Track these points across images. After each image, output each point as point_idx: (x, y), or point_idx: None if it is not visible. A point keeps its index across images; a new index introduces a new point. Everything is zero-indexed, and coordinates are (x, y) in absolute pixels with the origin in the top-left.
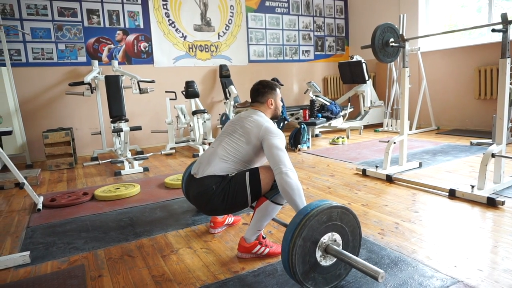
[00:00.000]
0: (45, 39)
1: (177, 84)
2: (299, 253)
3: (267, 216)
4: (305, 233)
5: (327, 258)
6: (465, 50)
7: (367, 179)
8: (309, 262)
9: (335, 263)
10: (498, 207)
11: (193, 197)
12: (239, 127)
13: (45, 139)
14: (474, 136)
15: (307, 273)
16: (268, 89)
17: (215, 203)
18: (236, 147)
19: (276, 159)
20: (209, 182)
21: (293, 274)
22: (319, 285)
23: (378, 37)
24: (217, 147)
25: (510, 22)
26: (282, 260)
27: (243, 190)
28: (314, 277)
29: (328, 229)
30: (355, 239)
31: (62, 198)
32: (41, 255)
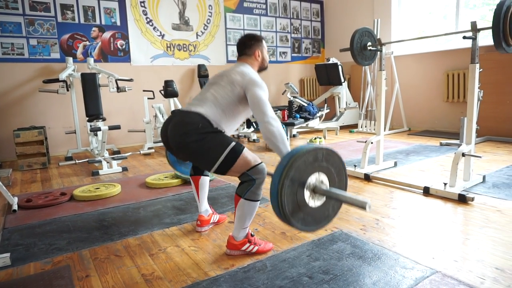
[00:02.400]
0: (15, 34)
1: (154, 83)
2: (288, 194)
3: (247, 214)
4: (293, 174)
5: (315, 198)
6: (435, 55)
7: None
8: (297, 202)
9: (323, 205)
10: (468, 203)
11: (173, 124)
12: (224, 77)
13: (16, 138)
14: (443, 137)
15: (296, 213)
16: (254, 41)
17: (191, 138)
18: (223, 94)
19: (259, 110)
20: (198, 118)
21: (282, 214)
22: (309, 225)
23: (357, 41)
24: (205, 94)
25: (479, 30)
26: (272, 201)
27: (218, 152)
28: (304, 218)
29: (315, 170)
30: (341, 180)
31: (38, 198)
32: (22, 257)
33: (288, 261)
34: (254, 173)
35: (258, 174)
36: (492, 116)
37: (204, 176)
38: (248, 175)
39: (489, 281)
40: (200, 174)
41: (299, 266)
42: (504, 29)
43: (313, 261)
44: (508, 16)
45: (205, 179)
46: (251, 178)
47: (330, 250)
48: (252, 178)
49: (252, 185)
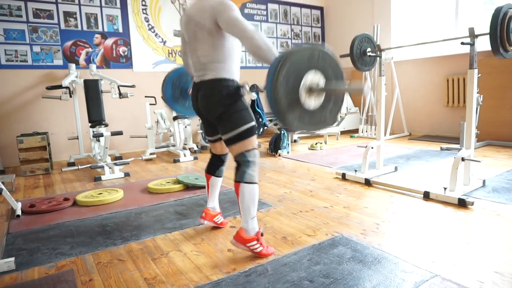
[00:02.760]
0: (19, 41)
1: (156, 89)
2: (283, 86)
3: (250, 200)
4: (288, 67)
5: (312, 98)
6: (435, 60)
7: (347, 182)
8: (293, 97)
9: (320, 107)
10: (468, 207)
11: (201, 99)
12: (196, 28)
13: (19, 144)
14: (443, 142)
15: (292, 109)
16: None
17: (221, 106)
18: (210, 47)
19: (237, 29)
20: (218, 85)
21: (277, 109)
22: (305, 125)
23: (356, 47)
24: (199, 57)
25: (477, 36)
26: (267, 96)
27: (241, 122)
28: (300, 116)
29: (311, 67)
30: (338, 81)
31: (42, 204)
32: (26, 261)
33: (289, 265)
34: (250, 155)
35: (253, 157)
36: (492, 120)
37: (215, 177)
38: (245, 156)
39: (488, 284)
40: (212, 174)
41: (300, 270)
42: (501, 35)
43: (313, 265)
44: (505, 22)
45: (215, 179)
46: (246, 160)
47: (331, 254)
48: (247, 159)
49: (248, 166)
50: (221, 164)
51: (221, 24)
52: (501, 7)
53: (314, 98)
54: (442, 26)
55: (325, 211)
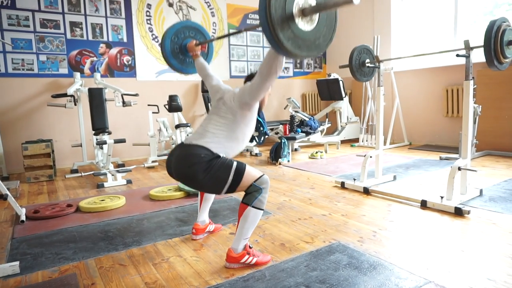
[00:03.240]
0: (26, 50)
1: (159, 97)
2: (276, 6)
3: (251, 223)
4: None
5: (305, 21)
6: (434, 71)
7: (346, 191)
8: (286, 16)
9: (314, 30)
10: (464, 216)
11: (177, 157)
12: (222, 105)
13: (24, 151)
14: (443, 151)
15: (285, 28)
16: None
17: (197, 171)
18: (225, 122)
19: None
20: (200, 150)
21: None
22: (299, 48)
23: (355, 58)
24: (207, 125)
25: (472, 48)
26: (260, 18)
27: (226, 175)
28: (294, 39)
29: None
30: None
31: (45, 209)
32: (30, 265)
33: (286, 271)
34: (260, 183)
35: (264, 184)
36: (491, 130)
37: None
38: (256, 186)
39: None
40: None
41: (297, 276)
42: (495, 48)
43: (310, 271)
44: (499, 35)
45: (209, 194)
46: (258, 188)
47: (327, 260)
48: (259, 187)
49: (260, 193)
50: None
51: (240, 93)
52: (495, 21)
53: (307, 21)
54: (442, 37)
55: (324, 219)
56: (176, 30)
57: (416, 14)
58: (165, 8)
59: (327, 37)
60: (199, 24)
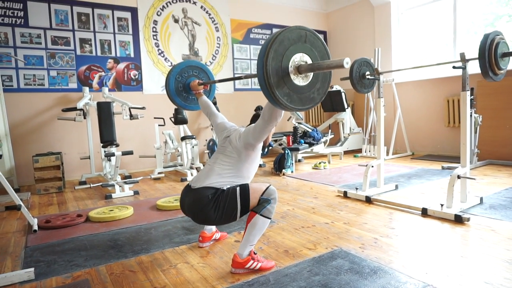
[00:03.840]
0: (37, 66)
1: (165, 110)
2: (273, 64)
3: (258, 230)
4: (276, 46)
5: (300, 78)
6: (435, 82)
7: (348, 200)
8: (282, 75)
9: (308, 85)
10: (464, 223)
11: (187, 205)
12: (228, 144)
13: (35, 163)
14: (445, 161)
15: (280, 85)
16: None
17: (208, 212)
18: (231, 161)
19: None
20: (205, 192)
21: (267, 84)
22: (294, 102)
23: (356, 70)
24: (213, 164)
25: (468, 60)
26: (258, 72)
27: (233, 203)
28: (289, 94)
29: (298, 49)
30: (320, 51)
31: (57, 219)
32: (44, 272)
33: (290, 275)
34: (268, 195)
35: (271, 194)
36: (493, 140)
37: None
38: (264, 199)
39: None
40: None
41: (300, 280)
42: (489, 60)
43: (313, 276)
44: (493, 48)
45: None
46: (267, 199)
47: (330, 266)
48: (268, 199)
49: (269, 203)
50: None
51: (245, 134)
52: (488, 34)
53: (302, 78)
54: (443, 48)
55: (326, 227)
56: (180, 69)
57: (417, 26)
58: (171, 24)
59: (321, 91)
60: (202, 63)
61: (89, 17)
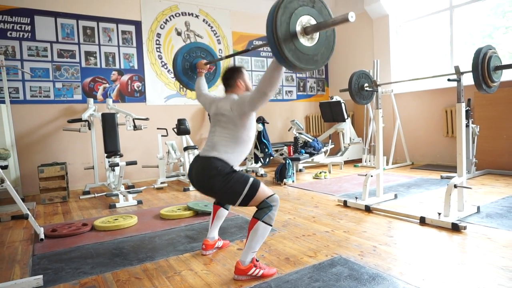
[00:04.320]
0: (43, 78)
1: (168, 121)
2: (282, 20)
3: (260, 236)
4: (287, 3)
5: (306, 38)
6: (433, 93)
7: (348, 209)
8: (290, 31)
9: (313, 47)
10: (461, 232)
11: (196, 170)
12: (221, 116)
13: (40, 173)
14: (444, 171)
15: (287, 41)
16: (234, 72)
17: (215, 182)
18: (228, 131)
19: (249, 98)
20: (215, 163)
21: (275, 36)
22: (299, 60)
23: (354, 82)
24: (214, 137)
25: (462, 73)
26: (267, 31)
27: (241, 188)
28: (295, 51)
29: (306, 12)
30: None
31: (62, 228)
32: (52, 279)
33: (291, 282)
34: (271, 200)
35: (274, 201)
36: (491, 150)
37: (224, 209)
38: (267, 203)
39: None
40: (221, 206)
41: (301, 287)
42: (483, 73)
43: (313, 282)
44: (485, 62)
45: (223, 211)
46: (269, 205)
47: (329, 273)
48: (270, 204)
49: (270, 210)
50: None
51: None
52: (481, 48)
53: (308, 39)
54: (440, 60)
55: (326, 235)
56: (189, 48)
57: (415, 38)
58: (174, 37)
59: (324, 55)
60: (211, 48)
61: (94, 31)
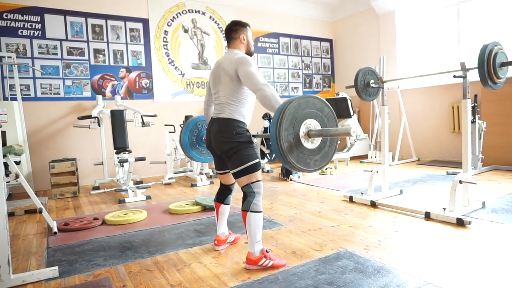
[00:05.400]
0: (53, 76)
1: (175, 117)
2: (285, 133)
3: (255, 225)
4: (288, 114)
5: (309, 141)
6: (439, 89)
7: (354, 204)
8: (293, 141)
9: (317, 149)
10: (466, 227)
11: (215, 131)
12: (221, 72)
13: (51, 169)
14: (450, 166)
15: (292, 150)
16: (239, 26)
17: (229, 146)
18: (230, 90)
19: (251, 82)
20: (231, 125)
21: (280, 150)
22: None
23: (360, 79)
24: (219, 97)
25: (468, 69)
26: (272, 141)
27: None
28: (299, 158)
29: (307, 116)
30: (329, 118)
31: (75, 222)
32: (67, 270)
33: (298, 274)
34: (255, 186)
35: (258, 188)
36: (498, 145)
37: (224, 205)
38: (251, 187)
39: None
40: (221, 203)
41: (307, 279)
42: (488, 69)
43: (319, 275)
44: (491, 58)
45: (224, 207)
46: (252, 191)
47: (335, 265)
48: (253, 191)
49: (254, 197)
50: (229, 193)
51: (240, 75)
52: (487, 45)
53: (312, 141)
54: (447, 55)
55: (332, 230)
56: (194, 123)
57: (421, 33)
58: (181, 34)
59: (317, 164)
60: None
61: (103, 28)
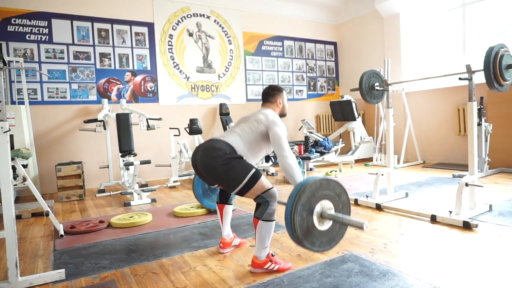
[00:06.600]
0: (60, 80)
1: (180, 121)
2: (299, 218)
3: (266, 233)
4: (303, 200)
5: (322, 223)
6: (445, 91)
7: (359, 207)
8: (308, 226)
9: (329, 229)
10: (472, 230)
11: (204, 148)
12: (252, 117)
13: (58, 172)
14: (456, 169)
15: (307, 235)
16: (276, 91)
17: (218, 163)
18: (249, 129)
19: (279, 145)
20: (225, 146)
21: (296, 237)
22: (316, 247)
23: (365, 82)
24: (234, 128)
25: (474, 72)
26: (286, 226)
27: (241, 177)
28: (312, 240)
29: (322, 198)
30: (345, 207)
31: (81, 225)
32: (74, 273)
33: (303, 277)
34: (268, 195)
35: (271, 196)
36: (504, 148)
37: (228, 205)
38: (263, 197)
39: None
40: (225, 203)
41: (312, 282)
42: (494, 71)
43: (325, 278)
44: (497, 60)
45: (228, 207)
46: (265, 200)
47: (341, 269)
48: (266, 200)
49: (267, 206)
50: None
51: (270, 134)
52: (493, 47)
53: (323, 222)
54: (453, 57)
55: None
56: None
57: (426, 36)
58: (186, 38)
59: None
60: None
61: (109, 33)
